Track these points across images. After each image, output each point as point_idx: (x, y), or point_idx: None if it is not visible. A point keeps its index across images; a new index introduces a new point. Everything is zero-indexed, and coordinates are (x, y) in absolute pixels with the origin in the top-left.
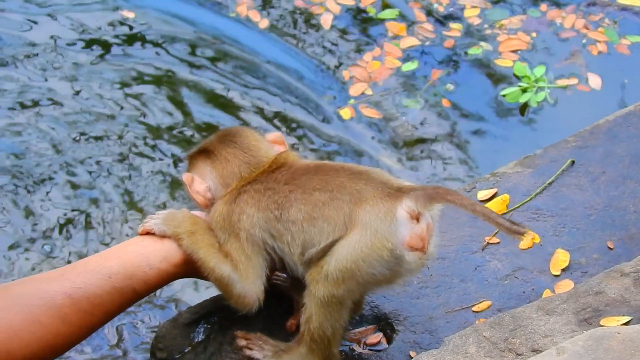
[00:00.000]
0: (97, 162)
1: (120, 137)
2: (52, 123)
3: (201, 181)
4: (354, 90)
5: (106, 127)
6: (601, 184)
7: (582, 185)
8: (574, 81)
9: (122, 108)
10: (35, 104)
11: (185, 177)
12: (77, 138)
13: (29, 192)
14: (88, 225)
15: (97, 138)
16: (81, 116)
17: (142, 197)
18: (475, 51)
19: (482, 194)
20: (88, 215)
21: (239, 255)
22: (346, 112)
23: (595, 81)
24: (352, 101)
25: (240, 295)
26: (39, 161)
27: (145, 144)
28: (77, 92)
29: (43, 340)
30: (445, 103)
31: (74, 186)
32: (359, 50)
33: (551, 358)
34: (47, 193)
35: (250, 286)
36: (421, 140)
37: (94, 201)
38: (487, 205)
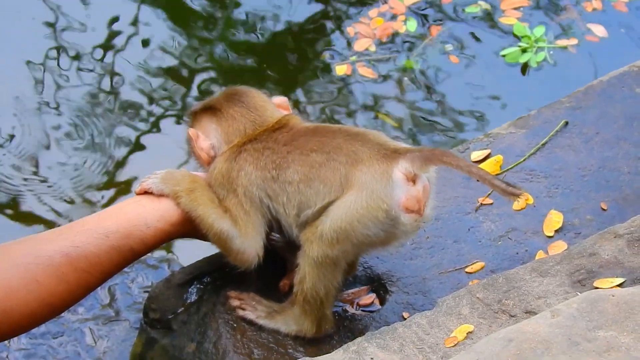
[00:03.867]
0: None
1: None
2: None
3: (205, 138)
4: (359, 45)
5: None
6: (595, 145)
7: (575, 146)
8: (573, 41)
9: None
10: None
11: (191, 132)
12: None
13: None
14: None
15: None
16: None
17: None
18: (473, 9)
19: (476, 155)
20: None
21: (238, 210)
22: (342, 69)
23: (599, 29)
24: (353, 58)
25: (239, 251)
26: None
27: None
28: None
29: (40, 298)
30: (443, 62)
31: None
32: (364, 4)
33: (545, 320)
34: None
35: (249, 242)
36: (418, 100)
37: None
38: (481, 166)
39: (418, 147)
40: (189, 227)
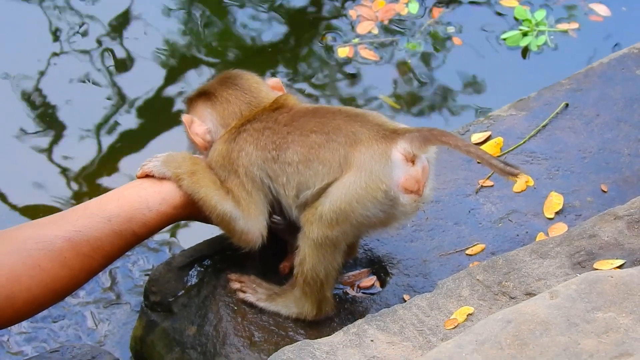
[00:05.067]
0: None
1: None
2: None
3: (201, 123)
4: (361, 28)
5: None
6: (595, 127)
7: (576, 128)
8: (574, 25)
9: None
10: None
11: (184, 118)
12: None
13: None
14: None
15: None
16: None
17: None
18: None
19: (476, 137)
20: None
21: (240, 191)
22: (344, 51)
23: (602, 9)
24: (355, 40)
25: (243, 231)
26: None
27: None
28: None
29: (43, 284)
30: (445, 44)
31: None
32: None
33: (544, 302)
34: None
35: (252, 222)
36: (419, 82)
37: None
38: (481, 148)
39: (417, 127)
40: (191, 210)
